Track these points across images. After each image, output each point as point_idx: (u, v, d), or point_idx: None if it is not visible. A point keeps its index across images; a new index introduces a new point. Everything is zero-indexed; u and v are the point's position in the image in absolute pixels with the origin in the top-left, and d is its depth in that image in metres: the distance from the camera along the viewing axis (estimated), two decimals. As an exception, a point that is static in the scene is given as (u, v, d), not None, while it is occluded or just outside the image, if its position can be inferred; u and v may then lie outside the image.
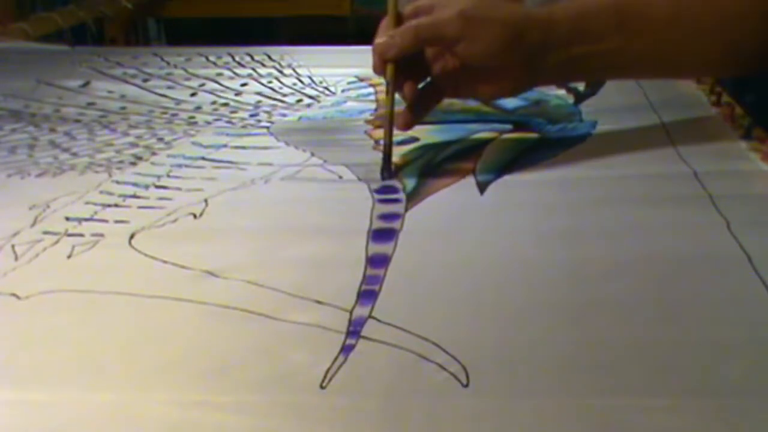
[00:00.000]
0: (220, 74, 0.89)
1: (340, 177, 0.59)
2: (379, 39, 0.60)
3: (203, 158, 0.64)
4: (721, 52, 0.61)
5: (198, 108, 0.78)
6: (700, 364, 0.36)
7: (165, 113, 0.77)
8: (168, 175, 0.60)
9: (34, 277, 0.45)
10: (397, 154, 0.62)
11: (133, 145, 0.68)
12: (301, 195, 0.57)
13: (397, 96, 0.60)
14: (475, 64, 0.59)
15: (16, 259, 0.48)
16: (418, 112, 0.62)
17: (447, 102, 0.69)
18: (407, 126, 0.62)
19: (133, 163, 0.63)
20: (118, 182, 0.59)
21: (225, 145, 0.67)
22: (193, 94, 0.82)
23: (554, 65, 0.59)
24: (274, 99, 0.80)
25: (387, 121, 0.60)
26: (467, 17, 0.57)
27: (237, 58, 0.95)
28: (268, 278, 0.44)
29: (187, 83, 0.86)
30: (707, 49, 0.61)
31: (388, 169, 0.59)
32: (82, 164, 0.63)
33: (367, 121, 0.71)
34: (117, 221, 0.52)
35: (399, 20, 0.60)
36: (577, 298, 0.42)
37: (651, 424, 0.33)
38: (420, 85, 0.62)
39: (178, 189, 0.57)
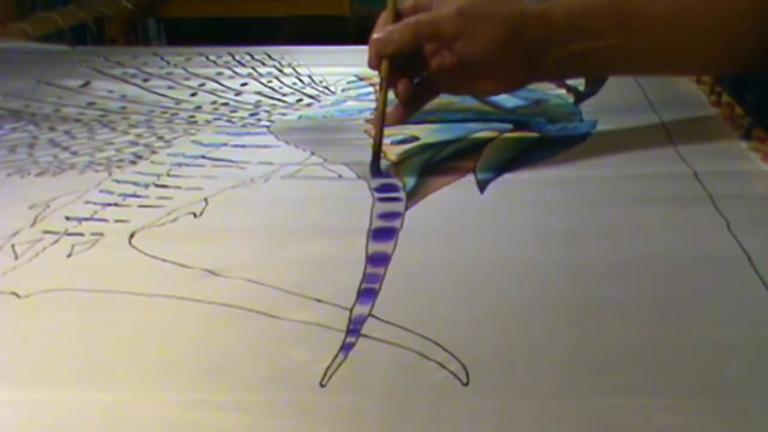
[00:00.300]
0: (220, 74, 0.89)
1: (340, 176, 0.59)
2: (377, 34, 0.59)
3: (203, 157, 0.64)
4: (721, 51, 0.61)
5: (198, 107, 0.78)
6: (700, 364, 0.36)
7: (165, 113, 0.77)
8: (168, 174, 0.60)
9: (34, 277, 0.45)
10: (397, 153, 0.62)
11: (133, 143, 0.68)
12: (301, 194, 0.57)
13: (391, 94, 0.60)
14: (473, 61, 0.59)
15: (16, 258, 0.47)
16: (411, 108, 0.62)
17: (446, 101, 0.69)
18: (399, 122, 0.61)
19: (133, 162, 0.63)
20: (118, 181, 0.59)
21: (225, 144, 0.67)
22: (193, 94, 0.82)
23: (553, 62, 0.59)
24: (274, 99, 0.80)
25: (378, 116, 0.59)
26: (466, 14, 0.57)
27: (237, 58, 0.94)
28: (268, 277, 0.44)
29: (187, 83, 0.86)
30: (707, 48, 0.61)
31: (377, 165, 0.58)
32: (82, 163, 0.63)
33: (367, 121, 0.71)
34: (117, 220, 0.52)
35: (397, 16, 0.60)
36: (577, 298, 0.42)
37: (651, 424, 0.32)
38: (415, 81, 0.61)
39: (178, 188, 0.57)
